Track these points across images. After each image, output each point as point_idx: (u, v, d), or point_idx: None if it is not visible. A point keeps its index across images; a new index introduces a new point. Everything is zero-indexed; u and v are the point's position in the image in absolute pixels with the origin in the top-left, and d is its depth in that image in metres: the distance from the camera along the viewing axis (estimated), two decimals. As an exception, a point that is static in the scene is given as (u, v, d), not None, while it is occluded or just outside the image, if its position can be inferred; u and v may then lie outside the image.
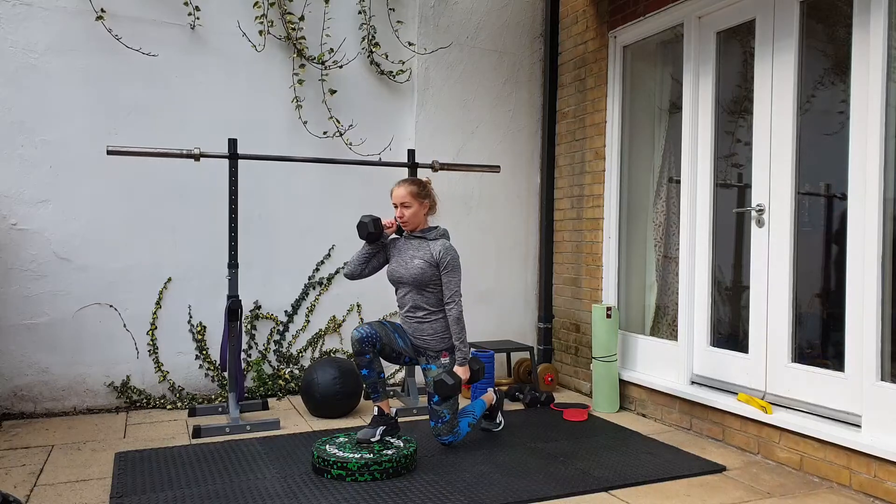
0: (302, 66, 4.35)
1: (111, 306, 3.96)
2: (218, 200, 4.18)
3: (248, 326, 4.26)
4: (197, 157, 3.55)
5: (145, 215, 4.02)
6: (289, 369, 4.35)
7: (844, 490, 2.82)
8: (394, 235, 3.45)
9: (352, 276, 3.37)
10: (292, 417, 3.82)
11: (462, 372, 3.21)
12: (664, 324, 4.03)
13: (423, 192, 3.30)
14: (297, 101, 4.35)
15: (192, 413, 3.81)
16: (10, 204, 3.75)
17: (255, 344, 4.29)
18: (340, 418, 3.83)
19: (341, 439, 3.12)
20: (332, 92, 4.41)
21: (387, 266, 3.39)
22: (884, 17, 2.77)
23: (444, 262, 3.20)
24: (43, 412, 3.82)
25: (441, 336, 3.27)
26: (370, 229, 3.28)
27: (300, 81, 4.34)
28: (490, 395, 3.58)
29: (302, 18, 4.31)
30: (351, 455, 2.88)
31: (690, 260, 3.75)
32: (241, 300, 3.83)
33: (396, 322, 3.32)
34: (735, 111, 3.56)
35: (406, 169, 4.23)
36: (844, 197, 2.97)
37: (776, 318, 3.26)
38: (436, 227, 3.32)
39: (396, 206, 3.28)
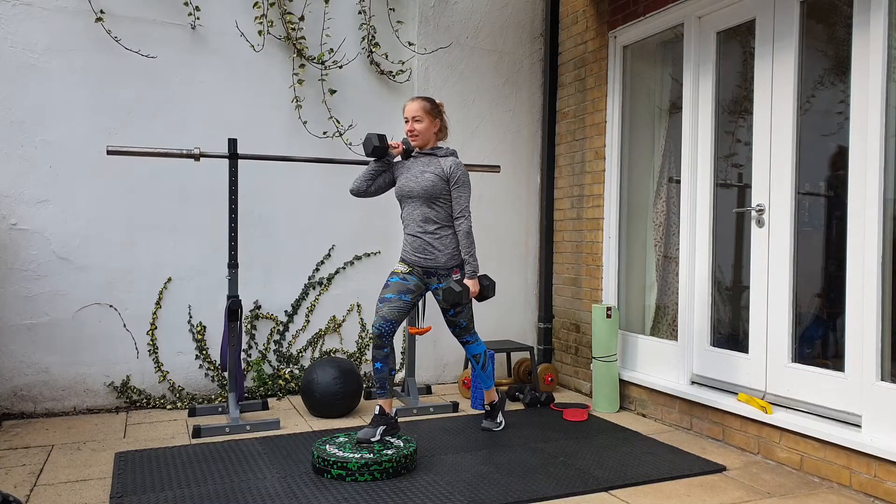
0: (302, 66, 4.35)
1: (111, 306, 3.96)
2: (218, 200, 4.18)
3: (248, 326, 4.27)
4: (197, 157, 3.55)
5: (145, 215, 4.02)
6: (289, 369, 4.35)
7: (844, 490, 2.82)
8: (399, 158, 3.45)
9: (357, 193, 3.37)
10: (292, 417, 3.82)
11: (472, 284, 3.25)
12: (664, 324, 4.03)
13: (435, 110, 3.33)
14: (297, 101, 4.35)
15: (192, 413, 3.81)
16: (10, 204, 3.75)
17: (255, 344, 4.29)
18: (340, 418, 3.83)
19: (341, 439, 3.12)
20: (332, 92, 4.41)
21: (395, 184, 3.39)
22: (884, 17, 2.77)
23: (455, 176, 3.23)
24: (43, 412, 3.82)
25: (451, 253, 3.28)
26: (376, 143, 3.27)
27: (300, 81, 4.34)
28: (493, 393, 3.59)
29: (302, 18, 4.31)
30: (351, 455, 2.88)
31: (690, 260, 3.75)
32: (241, 300, 3.83)
33: (393, 276, 3.30)
34: (735, 111, 3.56)
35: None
36: (844, 197, 2.97)
37: (776, 318, 3.26)
38: (445, 147, 3.35)
39: (408, 121, 3.29)
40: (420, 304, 3.33)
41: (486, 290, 3.34)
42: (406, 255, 3.33)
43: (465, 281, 3.26)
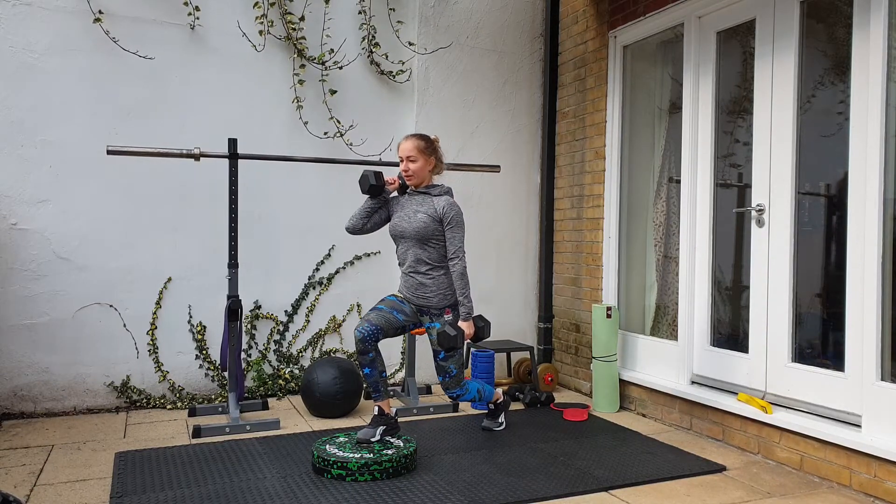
0: (302, 66, 4.35)
1: (111, 306, 3.96)
2: (218, 200, 4.18)
3: (248, 326, 4.27)
4: (197, 157, 3.55)
5: (145, 215, 4.02)
6: (289, 369, 4.35)
7: (844, 490, 2.82)
8: (395, 194, 3.43)
9: (353, 231, 3.34)
10: (292, 417, 3.82)
11: (467, 327, 3.21)
12: (664, 324, 4.03)
13: (429, 148, 3.27)
14: (298, 101, 4.35)
15: (192, 413, 3.81)
16: (10, 204, 3.75)
17: (255, 344, 4.29)
18: (340, 418, 3.83)
19: (341, 439, 3.12)
20: (333, 92, 4.41)
21: (389, 222, 3.36)
22: (884, 17, 2.77)
23: (448, 217, 3.18)
24: (43, 412, 3.82)
25: (444, 293, 3.24)
26: (372, 181, 3.25)
27: (300, 81, 4.34)
28: (498, 394, 3.58)
29: (302, 18, 4.32)
30: (351, 455, 2.88)
31: (690, 260, 3.75)
32: (241, 300, 3.83)
33: (391, 295, 3.29)
34: (735, 111, 3.56)
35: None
36: (844, 197, 2.97)
37: (776, 318, 3.26)
38: (440, 185, 3.31)
39: (402, 160, 3.26)
40: (405, 331, 3.29)
41: (481, 331, 3.28)
42: (402, 290, 3.33)
43: (460, 323, 3.20)
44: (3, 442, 3.33)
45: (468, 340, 3.23)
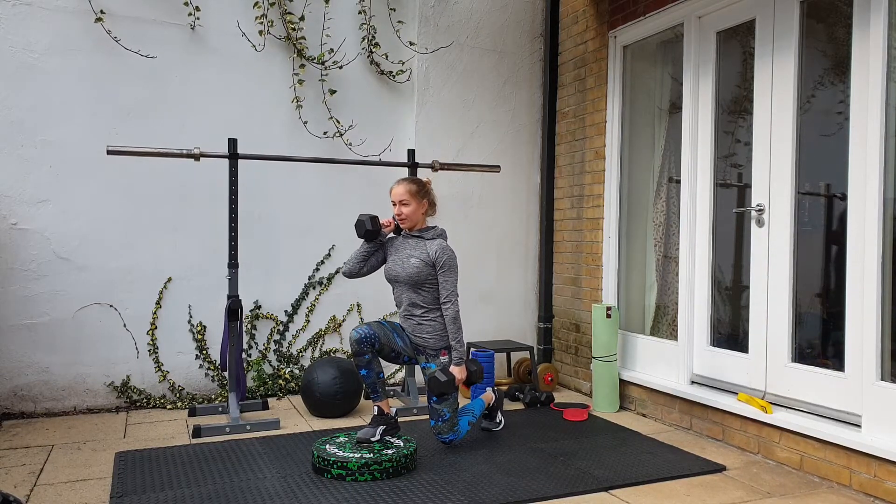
0: (302, 66, 4.35)
1: (111, 306, 3.96)
2: (218, 200, 4.18)
3: (249, 326, 4.27)
4: (197, 157, 3.55)
5: (145, 215, 4.02)
6: (289, 369, 4.35)
7: (844, 490, 2.82)
8: (391, 235, 3.45)
9: (350, 275, 3.37)
10: (292, 417, 3.83)
11: (458, 371, 3.20)
12: (664, 324, 4.03)
13: (422, 192, 3.30)
14: (298, 101, 4.36)
15: (192, 413, 3.81)
16: (10, 204, 3.75)
17: (255, 344, 4.29)
18: (340, 418, 3.83)
19: (341, 439, 3.12)
20: (332, 92, 4.41)
21: (385, 265, 3.39)
22: (884, 17, 2.77)
23: (441, 261, 3.20)
24: (43, 412, 3.82)
25: (440, 335, 3.27)
26: (368, 227, 3.27)
27: (300, 81, 4.34)
28: (489, 395, 3.58)
29: (302, 18, 4.32)
30: (351, 455, 2.88)
31: (690, 260, 3.75)
32: (241, 300, 3.83)
33: (395, 321, 3.32)
34: (735, 111, 3.56)
35: (406, 169, 4.24)
36: (844, 197, 2.97)
37: (776, 318, 3.26)
38: (433, 227, 3.32)
39: (395, 204, 3.28)
40: (399, 358, 3.30)
41: (473, 375, 3.28)
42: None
43: (452, 368, 3.20)
44: (3, 442, 3.33)
45: (459, 385, 3.23)
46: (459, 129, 4.74)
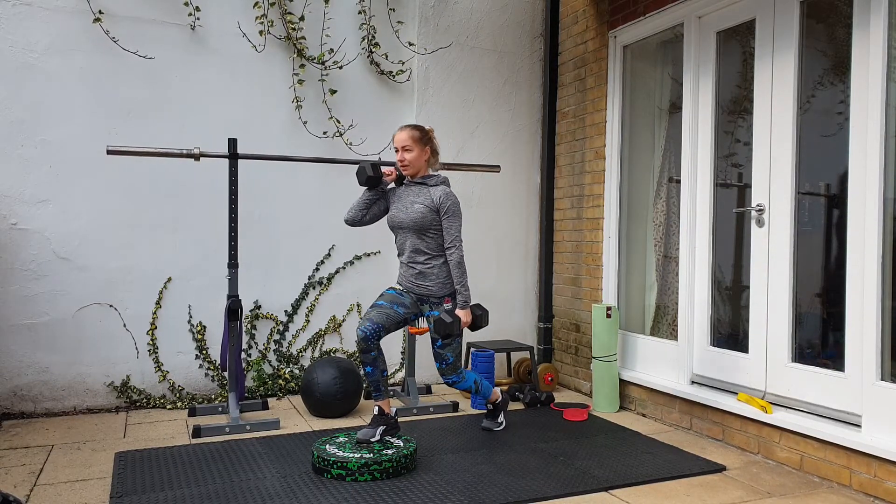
0: (302, 66, 4.35)
1: (111, 306, 3.96)
2: (218, 200, 4.18)
3: (248, 326, 4.27)
4: (197, 157, 3.55)
5: (145, 215, 4.02)
6: (289, 369, 4.35)
7: (844, 490, 2.82)
8: (392, 185, 3.43)
9: (352, 223, 3.35)
10: (292, 417, 3.83)
11: (463, 315, 3.22)
12: (664, 324, 4.03)
13: (424, 138, 3.28)
14: (298, 101, 4.36)
15: (192, 413, 3.81)
16: (10, 204, 3.75)
17: (255, 344, 4.29)
18: (340, 418, 3.83)
19: (341, 439, 3.12)
20: (333, 92, 4.41)
21: (388, 213, 3.38)
22: (884, 17, 2.77)
23: (445, 206, 3.20)
24: (43, 412, 3.82)
25: (443, 282, 3.25)
26: (369, 172, 3.26)
27: (300, 81, 4.34)
28: (497, 393, 3.58)
29: (302, 18, 4.32)
30: (351, 455, 2.88)
31: (690, 260, 3.75)
32: (241, 300, 3.83)
33: (390, 289, 3.30)
34: (735, 111, 3.56)
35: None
36: (844, 197, 2.97)
37: (776, 318, 3.26)
38: (436, 175, 3.32)
39: (398, 150, 3.27)
40: (406, 323, 3.30)
41: (479, 319, 3.30)
42: (401, 281, 3.34)
43: (457, 311, 3.22)
44: (3, 442, 3.33)
45: (466, 329, 3.24)
46: (459, 129, 4.74)
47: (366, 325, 3.10)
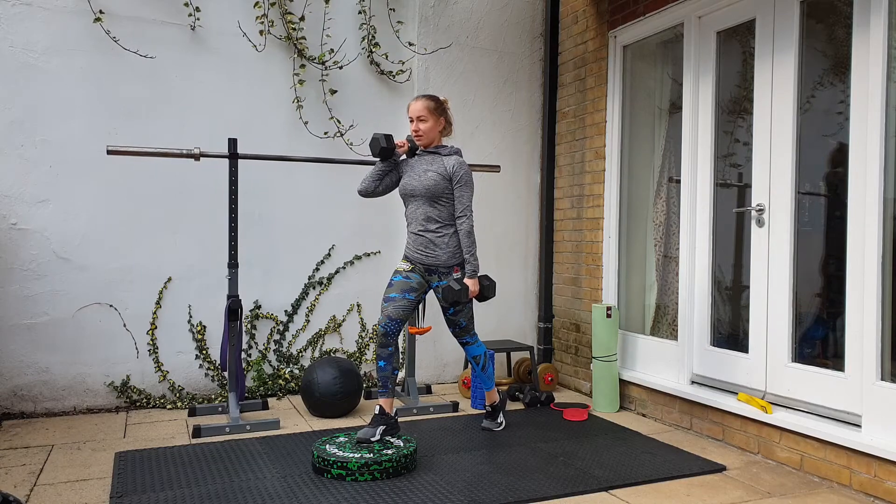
0: (302, 66, 4.35)
1: (111, 306, 3.96)
2: (218, 200, 4.18)
3: (248, 326, 4.27)
4: (197, 157, 3.55)
5: (145, 215, 4.02)
6: (289, 369, 4.35)
7: (845, 490, 2.82)
8: (405, 157, 3.46)
9: (366, 193, 3.38)
10: (292, 417, 3.83)
11: (472, 284, 3.26)
12: (664, 323, 4.03)
13: (439, 109, 3.32)
14: (298, 101, 4.35)
15: (192, 413, 3.81)
16: (10, 204, 3.75)
17: (255, 344, 4.29)
18: (340, 418, 3.83)
19: (341, 439, 3.12)
20: (333, 92, 4.41)
21: (400, 182, 3.40)
22: (884, 17, 2.77)
23: (458, 176, 3.24)
24: (43, 412, 3.82)
25: (453, 251, 3.28)
26: (383, 144, 3.28)
27: (301, 81, 4.34)
28: (494, 394, 3.59)
29: (302, 18, 4.32)
30: (351, 455, 2.88)
31: (690, 260, 3.75)
32: (241, 300, 3.83)
33: (396, 275, 3.31)
34: (735, 111, 3.56)
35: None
36: (844, 197, 2.97)
37: (776, 318, 3.26)
38: (449, 146, 3.35)
39: (412, 121, 3.30)
40: (420, 304, 3.33)
41: (487, 290, 3.34)
42: (409, 252, 3.35)
43: (465, 280, 3.27)
44: (3, 442, 3.33)
45: (473, 298, 3.28)
46: (459, 129, 4.74)
47: (386, 321, 3.18)
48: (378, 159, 3.37)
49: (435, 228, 3.27)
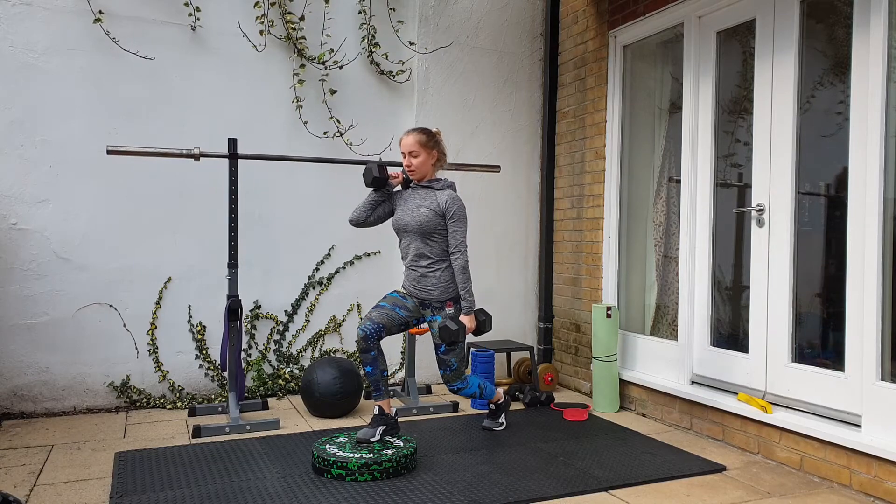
0: (302, 66, 4.35)
1: (111, 306, 3.96)
2: (218, 200, 4.18)
3: (248, 326, 4.27)
4: (197, 157, 3.55)
5: (145, 215, 4.02)
6: (289, 369, 4.35)
7: (844, 490, 2.82)
8: (399, 188, 3.43)
9: (357, 223, 3.35)
10: (292, 417, 3.82)
11: (468, 320, 3.23)
12: (664, 323, 4.03)
13: (431, 142, 3.27)
14: (298, 101, 4.35)
15: (192, 413, 3.81)
16: (10, 204, 3.75)
17: (255, 344, 4.29)
18: (340, 418, 3.83)
19: (341, 439, 3.12)
20: (333, 92, 4.41)
21: (392, 216, 3.37)
22: (884, 17, 2.77)
23: (451, 211, 3.20)
24: (43, 412, 3.82)
25: (445, 286, 3.25)
26: (375, 174, 3.25)
27: (300, 81, 4.34)
28: (499, 393, 3.58)
29: (302, 18, 4.32)
30: (351, 455, 2.88)
31: (690, 260, 3.75)
32: (241, 300, 3.83)
33: (393, 292, 3.30)
34: (735, 111, 3.56)
35: (406, 169, 4.23)
36: (844, 197, 2.97)
37: (776, 318, 3.26)
38: (443, 179, 3.31)
39: (405, 155, 3.27)
40: (407, 327, 3.29)
41: (483, 325, 3.30)
42: (405, 285, 3.34)
43: (462, 317, 3.23)
44: (3, 442, 3.33)
45: (470, 334, 3.25)
46: (459, 129, 4.74)
47: (366, 324, 3.10)
48: (371, 189, 3.32)
49: (426, 264, 3.24)
